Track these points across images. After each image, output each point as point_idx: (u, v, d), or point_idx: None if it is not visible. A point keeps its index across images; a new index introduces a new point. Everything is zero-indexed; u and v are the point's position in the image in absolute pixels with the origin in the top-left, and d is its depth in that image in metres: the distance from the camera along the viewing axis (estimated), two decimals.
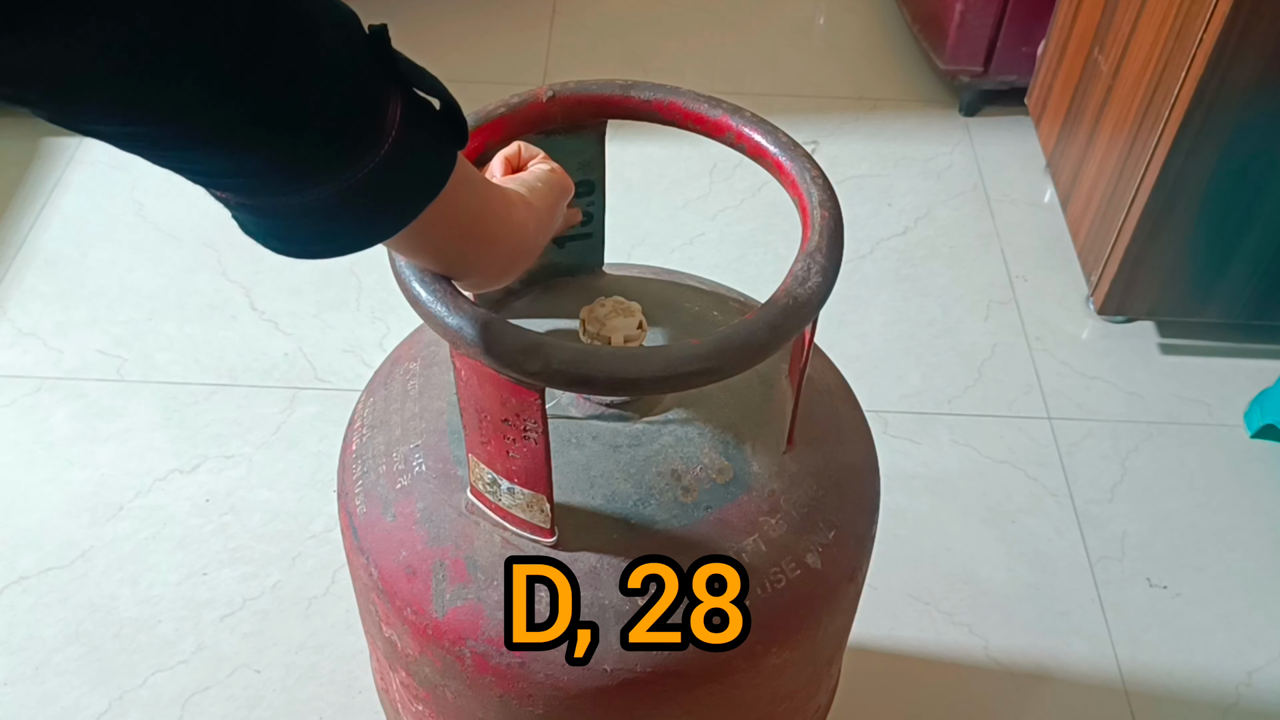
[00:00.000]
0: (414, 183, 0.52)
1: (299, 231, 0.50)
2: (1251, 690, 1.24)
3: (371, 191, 0.49)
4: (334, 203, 0.48)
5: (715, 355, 0.61)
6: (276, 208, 0.48)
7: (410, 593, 0.73)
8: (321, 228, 0.49)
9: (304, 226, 0.49)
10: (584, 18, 2.12)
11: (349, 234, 0.51)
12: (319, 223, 0.49)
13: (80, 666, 1.21)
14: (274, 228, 0.49)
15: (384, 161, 0.48)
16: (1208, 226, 1.44)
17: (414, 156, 0.51)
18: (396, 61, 0.53)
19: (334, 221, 0.49)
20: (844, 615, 0.85)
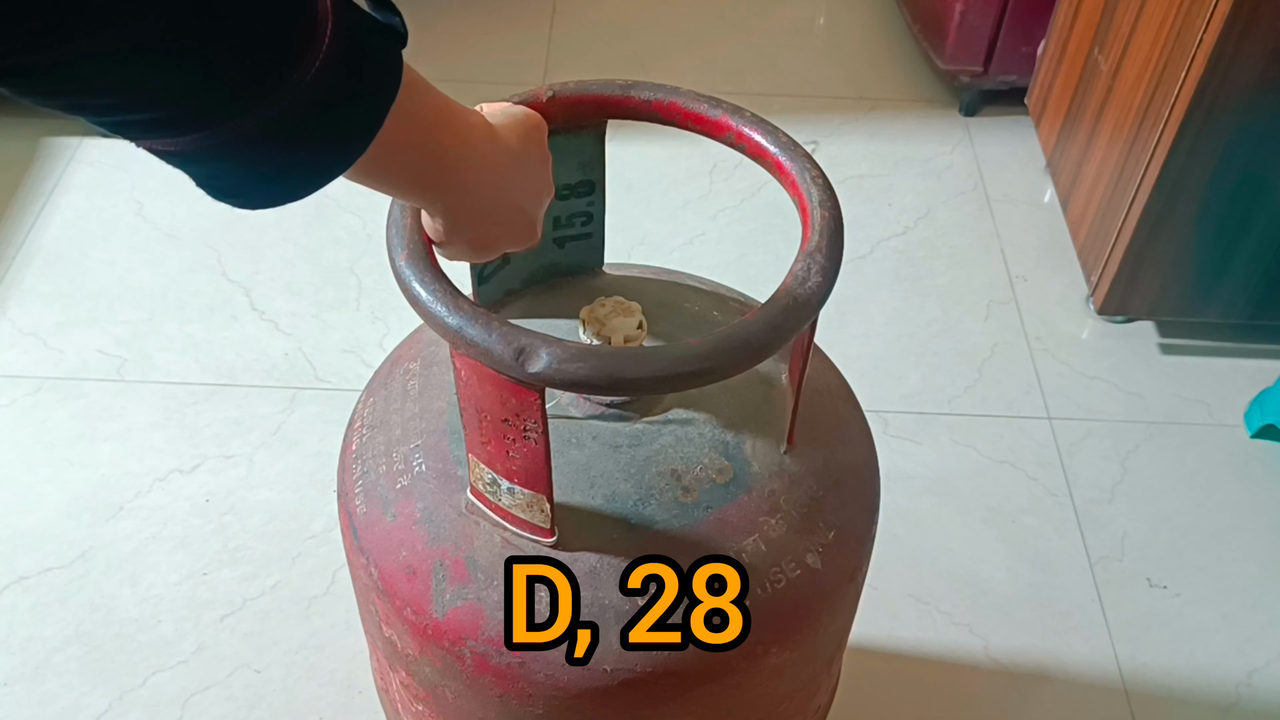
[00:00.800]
0: (364, 94, 0.47)
1: (249, 173, 0.46)
2: (1251, 690, 1.24)
3: (316, 110, 0.44)
4: (277, 130, 0.44)
5: (715, 355, 0.61)
6: (217, 146, 0.44)
7: (410, 593, 0.73)
8: (273, 162, 0.46)
9: (253, 165, 0.45)
10: (584, 18, 2.12)
11: (299, 166, 0.47)
12: (269, 157, 0.45)
13: (80, 666, 1.21)
14: (220, 172, 0.46)
15: (325, 68, 0.44)
16: (1208, 226, 1.44)
17: (360, 61, 0.46)
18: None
19: (283, 154, 0.46)
20: (844, 615, 0.85)
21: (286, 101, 0.43)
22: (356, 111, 0.47)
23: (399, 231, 0.67)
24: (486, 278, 0.83)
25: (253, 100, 0.42)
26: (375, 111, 0.48)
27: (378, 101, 0.48)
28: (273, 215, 1.68)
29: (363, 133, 0.48)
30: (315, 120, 0.45)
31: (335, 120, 0.46)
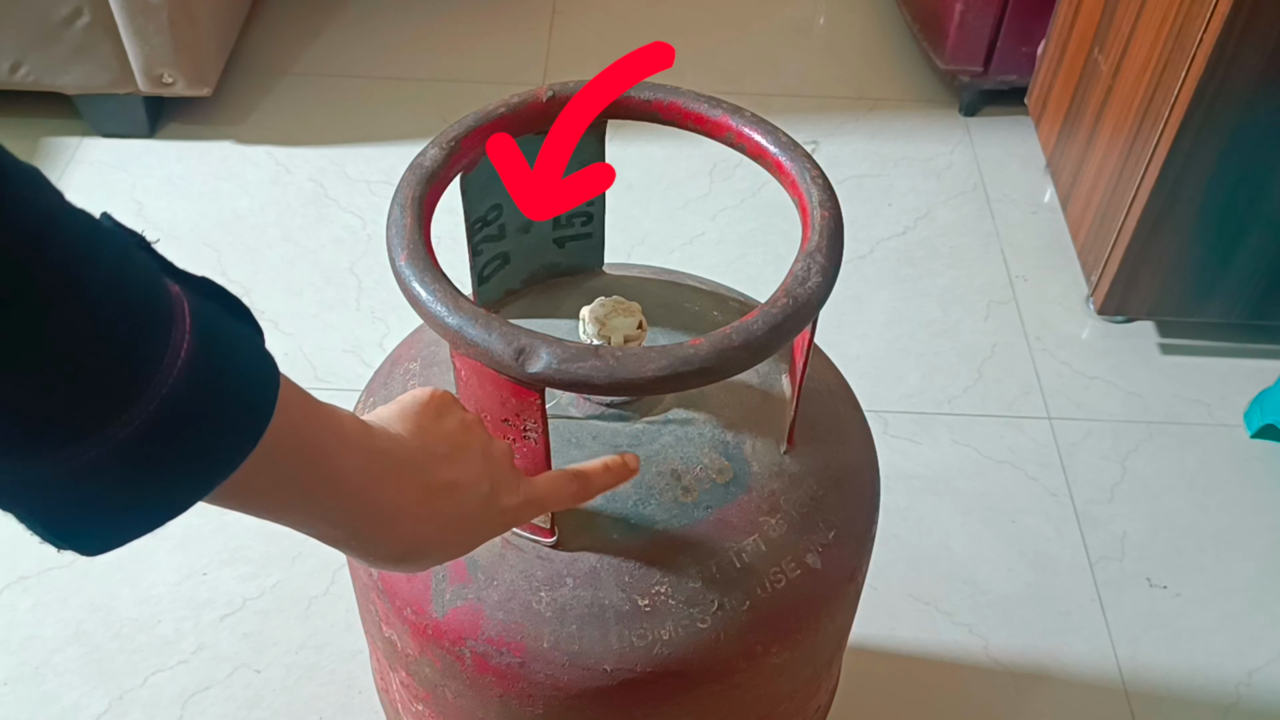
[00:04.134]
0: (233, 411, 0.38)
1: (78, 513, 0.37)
2: (1251, 690, 1.24)
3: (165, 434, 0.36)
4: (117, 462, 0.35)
5: (715, 355, 0.61)
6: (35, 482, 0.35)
7: (410, 593, 0.73)
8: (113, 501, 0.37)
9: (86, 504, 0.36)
10: (584, 18, 2.12)
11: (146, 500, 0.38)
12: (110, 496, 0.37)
13: (80, 666, 1.21)
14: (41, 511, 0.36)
15: (184, 382, 0.35)
16: (1208, 226, 1.44)
17: (227, 371, 0.38)
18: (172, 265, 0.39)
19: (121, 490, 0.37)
20: (844, 615, 0.85)
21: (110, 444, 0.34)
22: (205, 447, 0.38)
23: (399, 231, 0.67)
24: (486, 278, 0.83)
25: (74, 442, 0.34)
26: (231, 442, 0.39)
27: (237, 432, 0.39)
28: (273, 215, 1.69)
29: (212, 471, 0.40)
30: (151, 461, 0.36)
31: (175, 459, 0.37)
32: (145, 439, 0.35)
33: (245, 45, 1.97)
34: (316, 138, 1.83)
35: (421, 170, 0.71)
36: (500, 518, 0.55)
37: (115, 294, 0.34)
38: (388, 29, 2.06)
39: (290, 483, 0.44)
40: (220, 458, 0.39)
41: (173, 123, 1.83)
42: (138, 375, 0.34)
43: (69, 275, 0.33)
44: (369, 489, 0.47)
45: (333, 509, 0.46)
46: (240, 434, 0.39)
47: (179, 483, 0.39)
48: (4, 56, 1.65)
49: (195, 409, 0.36)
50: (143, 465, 0.36)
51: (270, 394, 0.40)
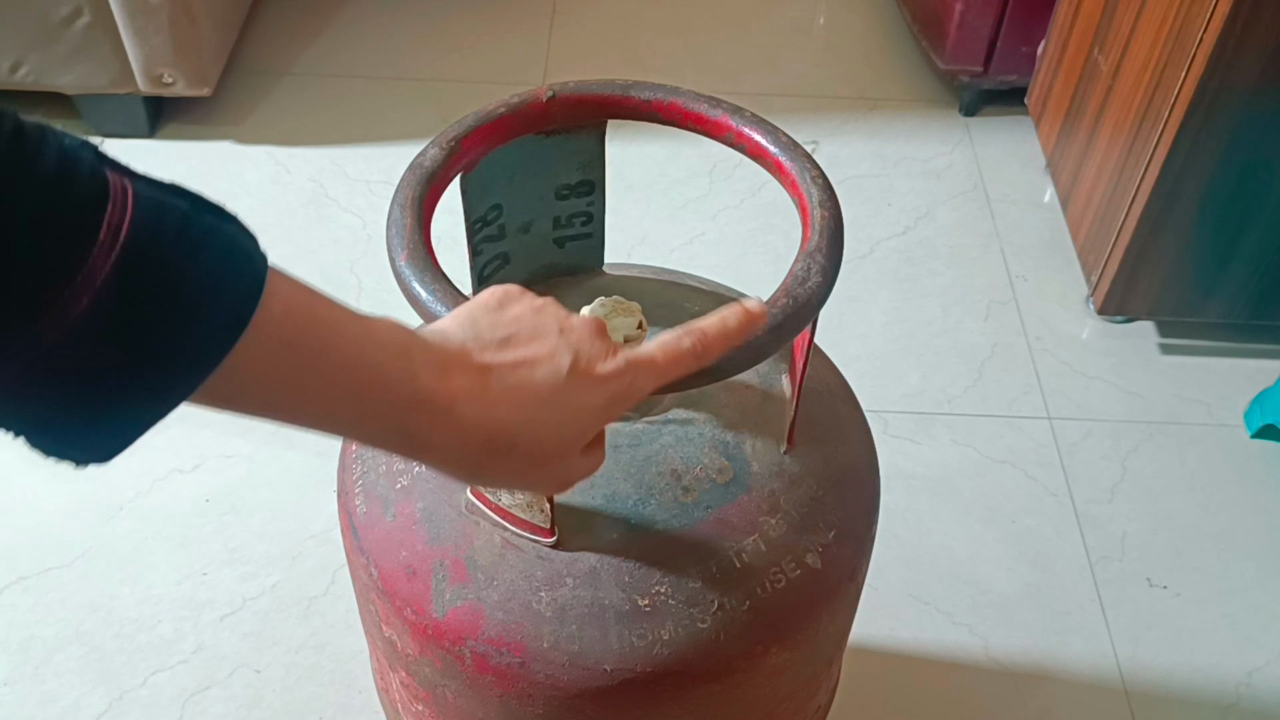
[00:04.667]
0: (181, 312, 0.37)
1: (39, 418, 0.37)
2: (1251, 690, 1.24)
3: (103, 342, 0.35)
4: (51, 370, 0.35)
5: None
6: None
7: (410, 593, 0.73)
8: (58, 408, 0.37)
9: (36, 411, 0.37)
10: (584, 18, 2.12)
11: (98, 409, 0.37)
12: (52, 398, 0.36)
13: (80, 666, 1.21)
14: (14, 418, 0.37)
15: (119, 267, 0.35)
16: (1208, 226, 1.44)
17: (191, 255, 0.37)
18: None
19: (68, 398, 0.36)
20: (844, 615, 0.85)
21: (50, 341, 0.35)
22: (179, 330, 0.37)
23: (399, 231, 0.67)
24: (486, 278, 0.83)
25: (15, 330, 0.34)
26: (209, 329, 0.38)
27: (213, 318, 0.38)
28: (273, 215, 1.68)
29: (197, 360, 0.38)
30: (117, 346, 0.36)
31: (147, 344, 0.37)
32: (100, 319, 0.35)
33: (245, 45, 1.97)
34: (316, 138, 1.83)
35: (421, 170, 0.71)
36: (598, 387, 0.50)
37: (49, 184, 0.34)
38: (388, 29, 2.06)
39: (305, 373, 0.42)
40: (201, 345, 0.38)
41: (173, 123, 1.83)
42: (70, 253, 0.34)
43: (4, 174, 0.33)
44: (408, 380, 0.45)
45: (370, 404, 0.44)
46: (219, 319, 0.38)
47: (154, 374, 0.37)
48: (4, 56, 1.65)
49: (154, 289, 0.36)
50: (107, 351, 0.36)
51: (250, 283, 0.39)
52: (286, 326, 0.41)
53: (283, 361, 0.41)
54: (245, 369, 0.40)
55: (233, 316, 0.39)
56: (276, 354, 0.41)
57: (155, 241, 0.36)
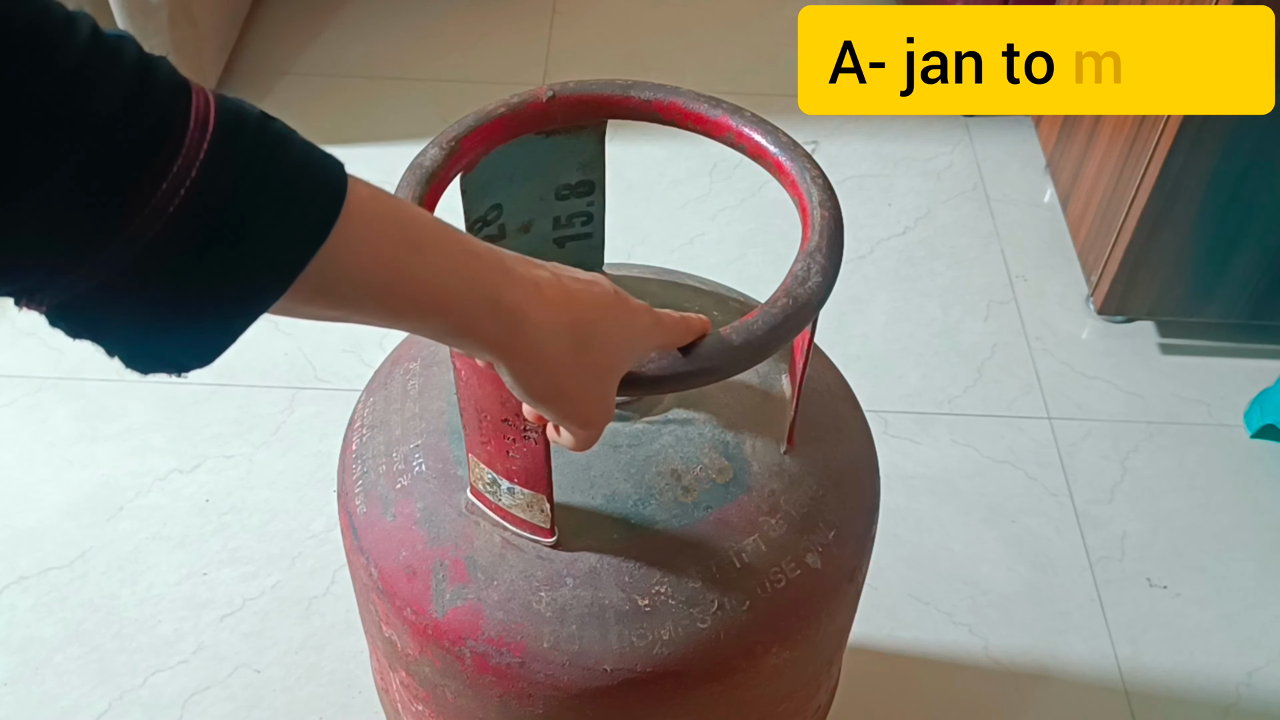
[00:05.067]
0: (278, 206, 0.38)
1: (148, 326, 0.37)
2: (1251, 690, 1.24)
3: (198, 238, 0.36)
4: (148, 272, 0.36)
5: (715, 355, 0.61)
6: (87, 299, 0.35)
7: (410, 593, 0.73)
8: (169, 308, 0.37)
9: (146, 314, 0.37)
10: (584, 18, 2.12)
11: (207, 307, 0.38)
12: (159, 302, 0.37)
13: (80, 666, 1.21)
14: (120, 330, 0.37)
15: (199, 181, 0.36)
16: (1208, 226, 1.44)
17: (276, 151, 0.39)
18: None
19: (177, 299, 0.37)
20: (844, 615, 0.85)
21: (146, 238, 0.35)
22: (276, 211, 0.38)
23: None
24: None
25: (101, 238, 0.35)
26: (308, 208, 0.39)
27: (309, 196, 0.39)
28: None
29: (298, 239, 0.39)
30: (215, 235, 0.37)
31: (245, 232, 0.37)
32: (202, 202, 0.35)
33: (245, 45, 1.97)
34: (316, 138, 1.81)
35: (421, 170, 0.71)
36: (635, 315, 0.55)
37: (133, 82, 0.35)
38: (388, 29, 2.05)
39: (400, 247, 0.43)
40: (302, 225, 0.39)
41: None
42: (167, 136, 0.35)
43: (92, 65, 0.34)
44: (496, 258, 0.47)
45: (465, 276, 0.45)
46: (317, 199, 0.39)
47: (260, 258, 0.38)
48: None
49: (248, 172, 0.37)
50: (212, 234, 0.36)
51: (335, 168, 0.40)
52: (376, 206, 0.42)
53: (379, 237, 0.42)
54: (345, 248, 0.40)
55: (328, 194, 0.40)
56: (373, 230, 0.41)
57: (242, 130, 0.37)
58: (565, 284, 0.51)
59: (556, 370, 0.51)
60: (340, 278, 0.41)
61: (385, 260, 0.43)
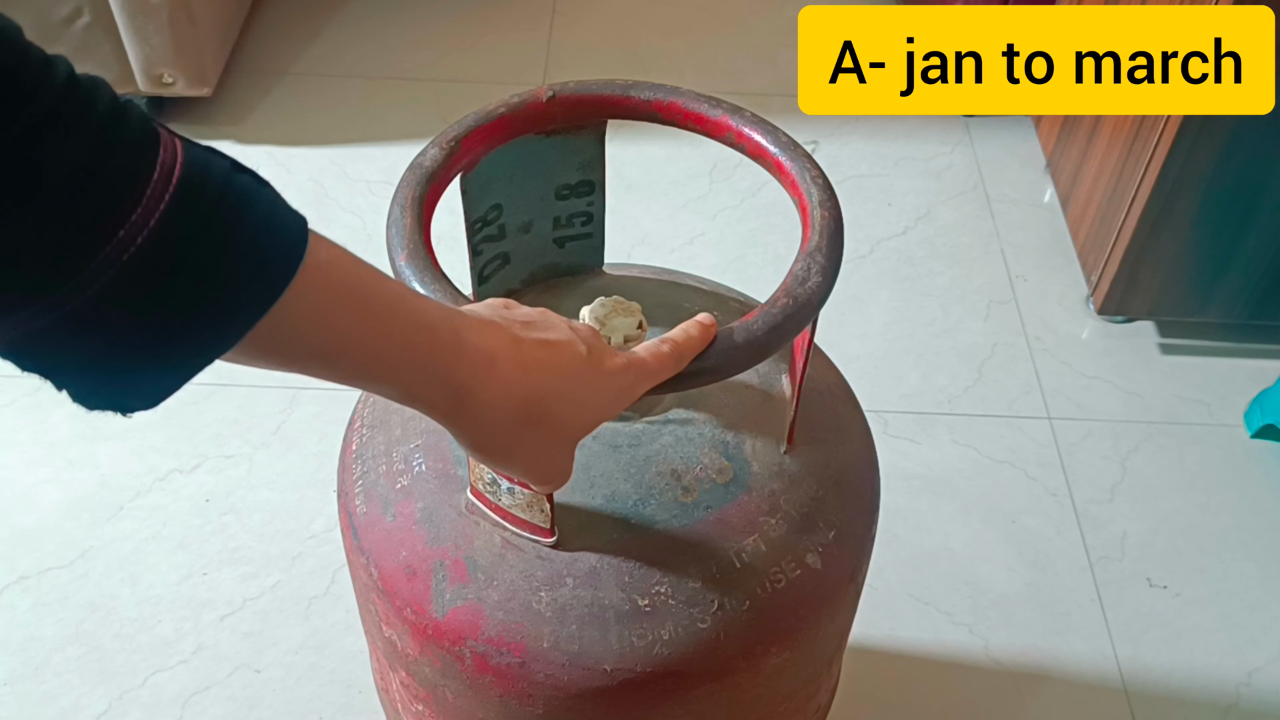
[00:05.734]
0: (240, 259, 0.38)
1: (94, 365, 0.37)
2: (1251, 690, 1.24)
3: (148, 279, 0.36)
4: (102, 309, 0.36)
5: (715, 355, 0.61)
6: (34, 336, 0.36)
7: (410, 593, 0.73)
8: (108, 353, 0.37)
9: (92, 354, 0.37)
10: (584, 18, 2.12)
11: (140, 356, 0.38)
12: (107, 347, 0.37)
13: (80, 666, 1.21)
14: (65, 368, 0.38)
15: (169, 218, 0.36)
16: (1208, 226, 1.44)
17: (237, 206, 0.39)
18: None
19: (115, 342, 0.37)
20: (844, 615, 0.85)
21: (106, 278, 0.35)
22: (234, 265, 0.38)
23: (399, 231, 0.67)
24: (486, 278, 0.83)
25: (70, 270, 0.35)
26: (264, 267, 0.39)
27: (265, 256, 0.39)
28: None
29: (249, 296, 0.39)
30: (170, 285, 0.37)
31: (201, 283, 0.37)
32: (156, 255, 0.36)
33: (245, 45, 1.97)
34: (316, 138, 1.83)
35: (421, 170, 0.71)
36: (609, 378, 0.54)
37: (103, 130, 0.35)
38: (388, 29, 2.06)
39: (353, 314, 0.43)
40: (255, 283, 0.39)
41: (173, 123, 1.83)
42: (127, 188, 0.35)
43: (64, 112, 0.34)
44: (452, 329, 0.47)
45: (416, 349, 0.46)
46: (273, 258, 0.39)
47: (210, 312, 0.38)
48: None
49: (207, 228, 0.37)
50: (163, 288, 0.36)
51: (297, 228, 0.40)
52: (333, 271, 0.42)
53: (332, 303, 0.42)
54: (296, 310, 0.40)
55: (284, 256, 0.40)
56: (326, 295, 0.42)
57: (206, 183, 0.38)
58: (525, 353, 0.50)
59: (505, 441, 0.51)
60: (289, 338, 0.41)
61: (336, 326, 0.43)
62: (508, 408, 0.49)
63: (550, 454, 0.54)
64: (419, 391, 0.48)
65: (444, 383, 0.47)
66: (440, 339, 0.47)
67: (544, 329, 0.52)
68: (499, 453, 0.52)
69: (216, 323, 0.39)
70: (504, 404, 0.49)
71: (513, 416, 0.50)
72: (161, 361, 0.38)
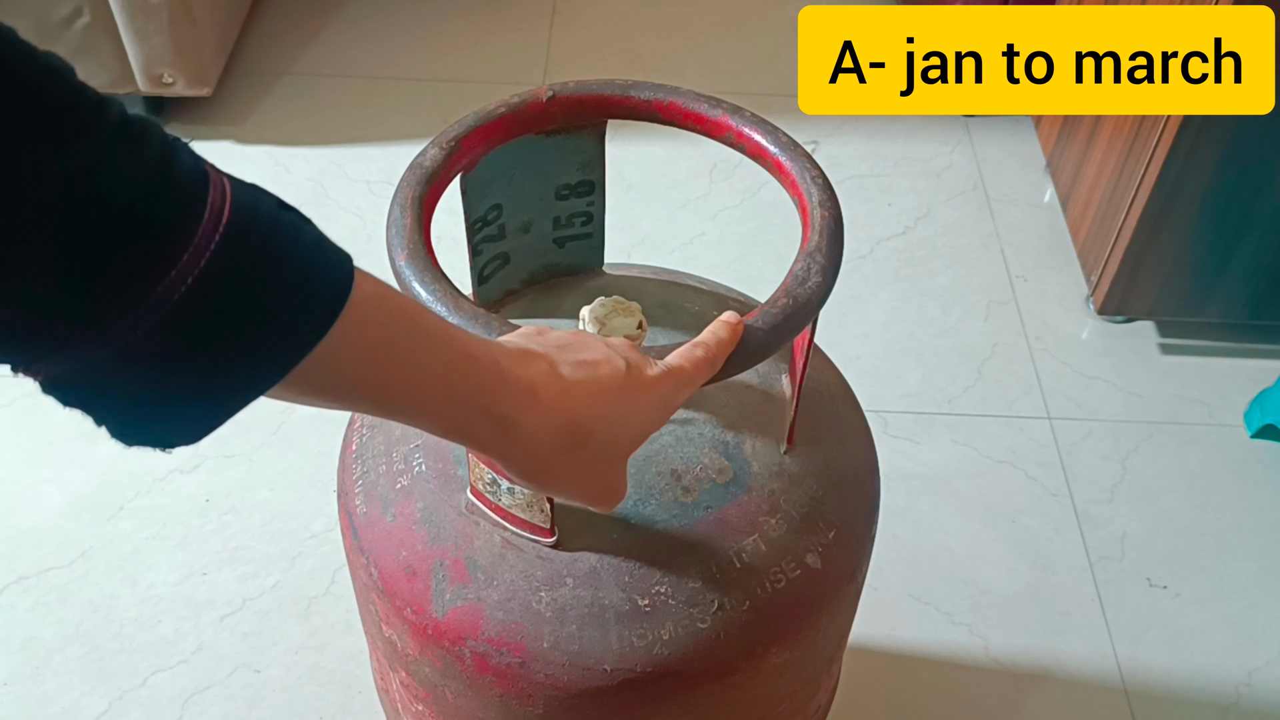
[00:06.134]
0: (283, 297, 0.39)
1: (127, 406, 0.38)
2: (1251, 690, 1.24)
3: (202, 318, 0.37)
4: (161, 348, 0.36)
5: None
6: (82, 373, 0.37)
7: (410, 593, 0.73)
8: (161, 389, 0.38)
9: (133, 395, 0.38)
10: (584, 18, 2.12)
11: (189, 395, 0.39)
12: (156, 383, 0.38)
13: (80, 666, 1.21)
14: (113, 406, 0.39)
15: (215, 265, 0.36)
16: (1208, 226, 1.44)
17: (287, 242, 0.39)
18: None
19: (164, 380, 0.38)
20: (844, 615, 0.85)
21: (150, 321, 0.36)
22: (279, 308, 0.39)
23: (399, 231, 0.67)
24: (486, 278, 0.83)
25: (117, 311, 0.36)
26: (307, 307, 0.40)
27: (310, 296, 0.40)
28: None
29: (295, 335, 0.39)
30: (216, 327, 0.37)
31: (246, 325, 0.38)
32: (207, 294, 0.36)
33: (245, 45, 1.97)
34: (316, 138, 1.83)
35: (421, 170, 0.71)
36: (651, 390, 0.54)
37: (155, 172, 0.36)
38: (388, 29, 2.05)
39: (396, 351, 0.43)
40: (303, 321, 0.39)
41: (173, 123, 1.83)
42: (178, 230, 0.36)
43: (118, 151, 0.35)
44: (493, 361, 0.47)
45: (458, 383, 0.46)
46: (320, 295, 0.39)
47: (256, 350, 0.39)
48: None
49: (256, 267, 0.37)
50: (212, 327, 0.37)
51: (342, 265, 0.41)
52: (378, 308, 0.42)
53: (377, 338, 0.42)
54: (341, 347, 0.40)
55: (330, 292, 0.40)
56: (371, 332, 0.42)
57: (254, 224, 0.38)
58: (564, 379, 0.50)
59: (551, 467, 0.51)
60: (334, 374, 0.42)
61: (380, 362, 0.43)
62: (552, 435, 0.50)
63: (600, 474, 0.54)
64: (462, 426, 0.48)
65: (487, 416, 0.47)
66: (482, 372, 0.47)
67: (580, 350, 0.52)
68: (549, 480, 0.52)
69: (263, 360, 0.39)
70: (548, 432, 0.49)
71: (558, 443, 0.50)
72: (207, 399, 0.39)
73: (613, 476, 0.55)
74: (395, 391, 0.45)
